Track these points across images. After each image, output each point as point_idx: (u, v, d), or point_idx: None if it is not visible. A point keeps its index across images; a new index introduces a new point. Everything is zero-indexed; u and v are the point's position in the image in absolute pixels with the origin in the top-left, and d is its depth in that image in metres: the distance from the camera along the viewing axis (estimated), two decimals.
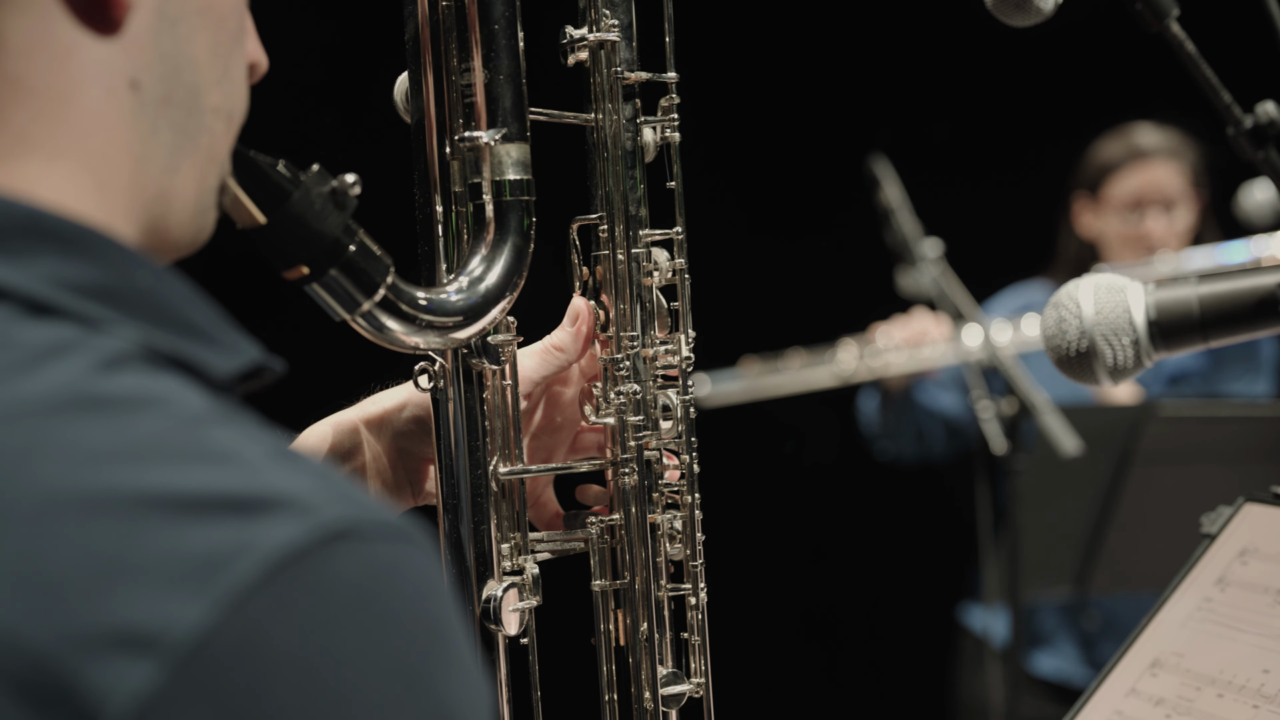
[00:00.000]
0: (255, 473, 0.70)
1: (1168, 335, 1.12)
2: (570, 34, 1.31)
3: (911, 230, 3.48)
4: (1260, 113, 1.62)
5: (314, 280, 1.09)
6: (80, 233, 0.79)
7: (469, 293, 1.17)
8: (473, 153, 1.22)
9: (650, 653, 1.32)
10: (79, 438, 0.69)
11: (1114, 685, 1.46)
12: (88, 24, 0.82)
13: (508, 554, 1.29)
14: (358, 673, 0.67)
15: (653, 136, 1.35)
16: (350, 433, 1.32)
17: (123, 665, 0.63)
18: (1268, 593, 1.43)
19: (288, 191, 1.06)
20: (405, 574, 0.71)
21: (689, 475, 1.35)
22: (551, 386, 1.39)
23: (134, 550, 0.66)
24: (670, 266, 1.35)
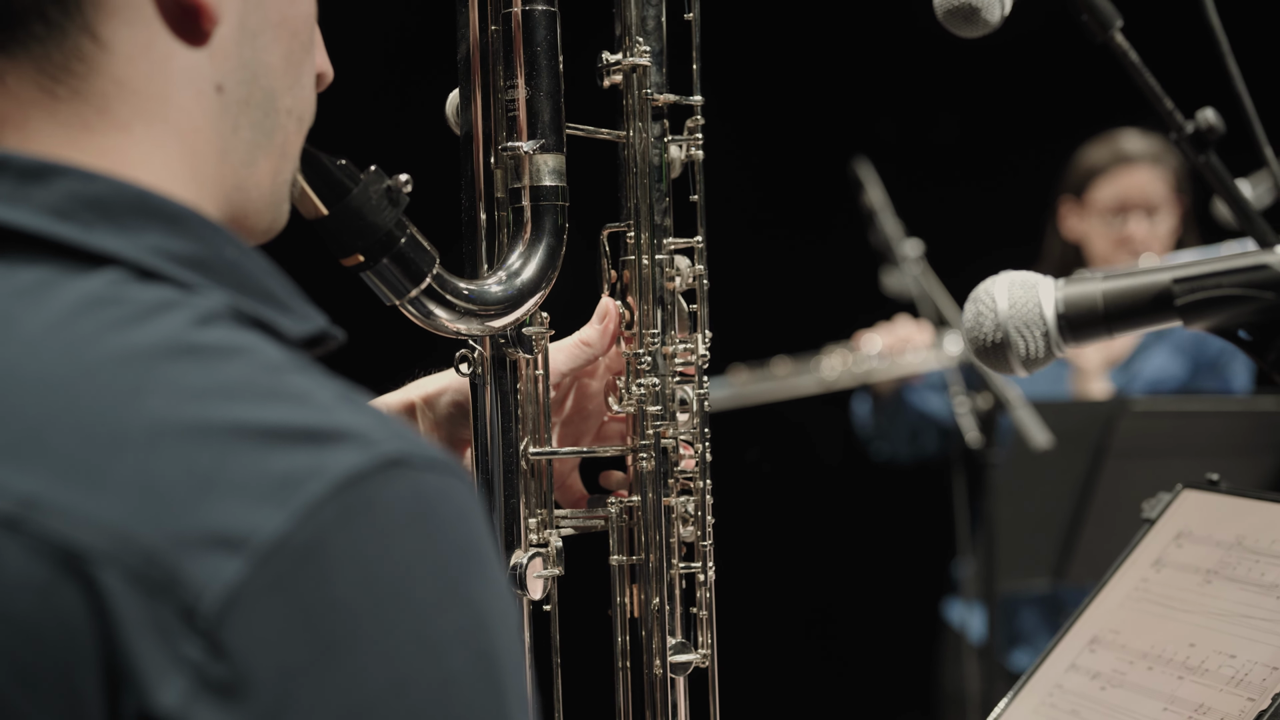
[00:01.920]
0: (326, 411, 0.83)
1: (1075, 328, 1.20)
2: (606, 59, 1.45)
3: (894, 231, 3.59)
4: (1200, 119, 1.73)
5: (368, 268, 1.23)
6: (180, 211, 0.92)
7: (507, 285, 1.31)
8: (514, 161, 1.35)
9: (661, 624, 1.44)
10: (180, 378, 0.81)
11: (1056, 661, 1.57)
12: (181, 36, 0.96)
13: (534, 528, 1.41)
14: (405, 573, 0.79)
15: (679, 153, 1.48)
16: (397, 412, 1.46)
17: (218, 561, 0.76)
18: (1198, 572, 1.54)
19: (348, 187, 1.20)
20: (448, 498, 0.83)
21: (701, 463, 1.47)
22: (580, 378, 1.52)
23: (228, 470, 0.78)
24: (691, 272, 1.47)
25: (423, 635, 0.79)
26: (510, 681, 0.84)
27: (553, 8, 1.36)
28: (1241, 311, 1.12)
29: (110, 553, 0.75)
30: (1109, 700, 1.49)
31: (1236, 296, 1.12)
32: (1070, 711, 1.51)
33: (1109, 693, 1.50)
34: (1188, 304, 1.13)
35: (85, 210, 0.88)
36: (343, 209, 1.20)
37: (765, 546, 4.79)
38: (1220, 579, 1.52)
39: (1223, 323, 1.13)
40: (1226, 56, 1.77)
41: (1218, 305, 1.13)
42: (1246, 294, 1.11)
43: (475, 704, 0.81)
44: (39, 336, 0.83)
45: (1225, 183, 1.79)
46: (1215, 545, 1.56)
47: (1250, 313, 1.12)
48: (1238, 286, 1.11)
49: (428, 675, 0.79)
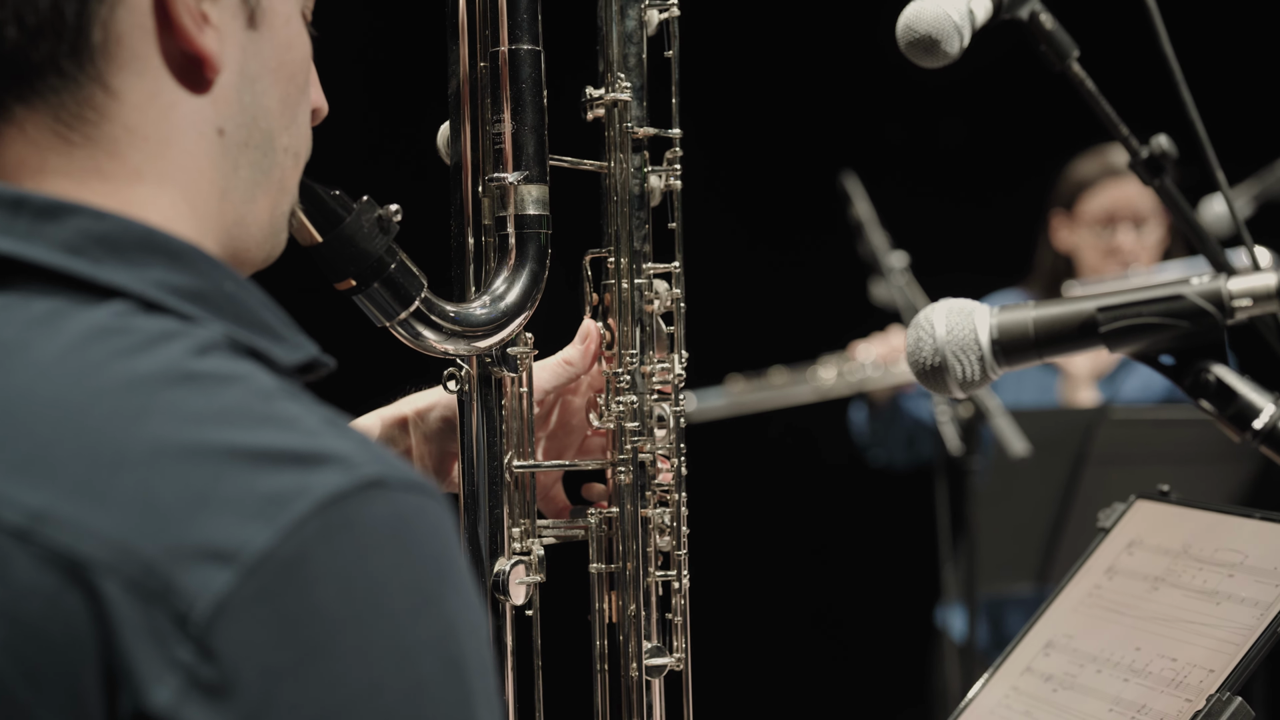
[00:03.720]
0: (313, 435, 0.90)
1: (1008, 352, 1.27)
2: (590, 93, 1.53)
3: (880, 243, 3.68)
4: (1154, 145, 1.81)
5: (360, 291, 1.31)
6: (182, 248, 1.00)
7: (491, 308, 1.39)
8: (500, 191, 1.44)
9: (637, 629, 1.52)
10: (180, 403, 0.89)
11: (1013, 664, 1.65)
12: (186, 84, 1.04)
13: (518, 537, 1.49)
14: (381, 585, 0.87)
15: (659, 183, 1.56)
16: (391, 426, 1.54)
17: (210, 572, 0.83)
18: (1146, 579, 1.62)
19: (341, 216, 1.28)
20: (423, 516, 0.91)
21: (678, 477, 1.55)
22: (564, 395, 1.60)
23: (221, 488, 0.86)
24: (669, 295, 1.56)
25: (396, 642, 0.87)
26: (478, 686, 0.91)
27: (537, 47, 1.44)
28: (1161, 338, 1.19)
29: (111, 563, 0.83)
30: (1059, 701, 1.57)
31: (1155, 324, 1.19)
32: (1024, 713, 1.59)
33: (1060, 694, 1.58)
34: (1111, 331, 1.20)
35: (95, 246, 0.96)
36: (336, 237, 1.28)
37: (757, 551, 4.88)
38: (1166, 585, 1.60)
39: (1145, 348, 1.20)
40: (1180, 85, 1.85)
41: (1138, 332, 1.20)
42: (1164, 322, 1.19)
43: (444, 707, 0.88)
44: (50, 362, 0.91)
45: (1180, 206, 1.87)
46: (1164, 553, 1.64)
47: (1169, 339, 1.19)
48: (1156, 315, 1.19)
49: (400, 679, 0.86)
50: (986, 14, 1.73)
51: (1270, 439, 1.17)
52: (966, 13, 1.70)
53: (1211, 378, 1.19)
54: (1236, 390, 1.18)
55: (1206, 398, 1.18)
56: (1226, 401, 1.18)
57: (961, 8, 1.70)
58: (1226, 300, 1.18)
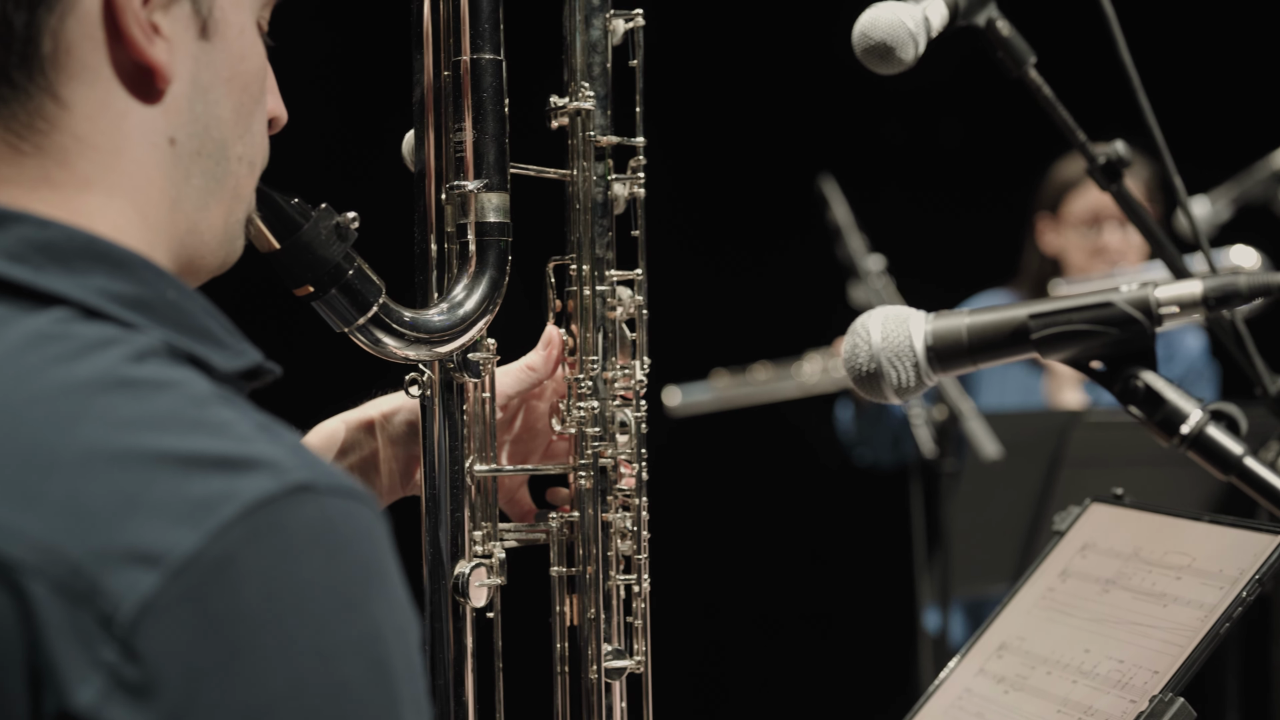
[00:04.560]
0: (244, 441, 0.92)
1: (943, 359, 1.28)
2: (554, 102, 1.55)
3: (857, 247, 3.70)
4: (1111, 150, 1.83)
5: (318, 297, 1.33)
6: (125, 256, 1.02)
7: (449, 315, 1.41)
8: (461, 199, 1.45)
9: (596, 632, 1.54)
10: (113, 409, 0.91)
11: (968, 665, 1.67)
12: (137, 94, 1.06)
13: (479, 540, 1.51)
14: (306, 587, 0.89)
15: (623, 191, 1.58)
16: (355, 430, 1.56)
17: (136, 574, 0.85)
18: (1098, 582, 1.64)
19: (299, 223, 1.30)
20: (351, 520, 0.93)
21: (639, 482, 1.57)
22: (528, 400, 1.62)
23: (150, 493, 0.88)
24: (632, 302, 1.57)
25: (320, 644, 0.88)
26: (404, 688, 0.93)
27: (499, 57, 1.46)
28: (1092, 345, 1.21)
29: (39, 565, 0.85)
30: (1010, 702, 1.59)
31: (1085, 331, 1.21)
32: (975, 714, 1.61)
33: (1011, 695, 1.60)
34: (1042, 338, 1.22)
35: (37, 254, 0.98)
36: (294, 244, 1.30)
37: (732, 550, 4.91)
38: (1117, 588, 1.62)
39: (1076, 355, 1.22)
40: (1138, 91, 1.87)
41: (1069, 339, 1.21)
42: (1094, 329, 1.20)
43: (368, 707, 0.90)
44: None
45: (1137, 210, 1.89)
46: (1115, 556, 1.66)
47: (1099, 346, 1.21)
48: (1086, 322, 1.20)
49: (323, 680, 0.88)
50: (942, 21, 1.75)
51: (1197, 444, 1.19)
52: (922, 20, 1.72)
53: (1140, 384, 1.20)
54: (1164, 396, 1.20)
55: (1135, 403, 1.20)
56: (1155, 407, 1.20)
57: (917, 15, 1.72)
58: (1154, 308, 1.20)
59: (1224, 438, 1.20)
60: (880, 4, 1.74)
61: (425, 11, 1.48)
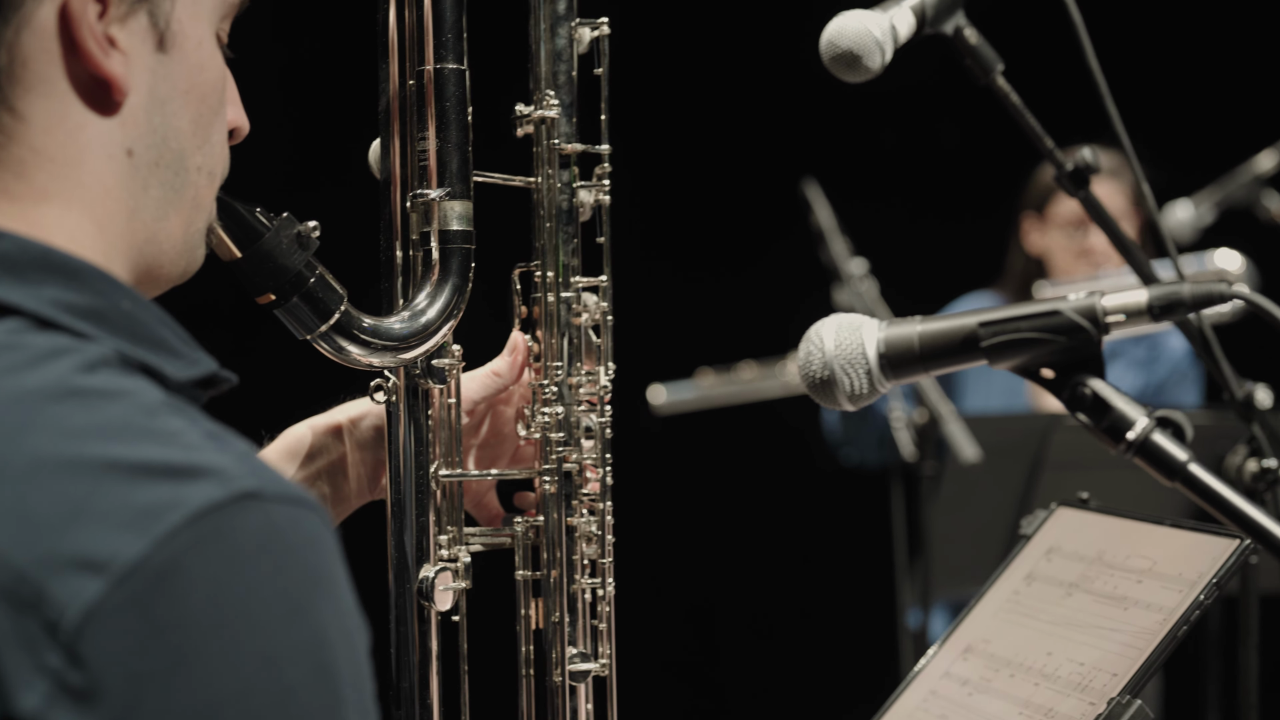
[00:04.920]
0: (192, 449, 0.93)
1: (895, 366, 1.29)
2: (519, 110, 1.57)
3: (840, 250, 3.72)
4: (1078, 157, 1.85)
5: (280, 305, 1.35)
6: (80, 267, 1.04)
7: (409, 323, 1.42)
8: (424, 207, 1.47)
9: (560, 636, 1.55)
10: (63, 418, 0.93)
11: (934, 668, 1.69)
12: (93, 107, 1.07)
13: (445, 544, 1.53)
14: (251, 594, 0.90)
15: (589, 198, 1.59)
16: (323, 434, 1.57)
17: (81, 581, 0.87)
18: (1062, 585, 1.66)
19: (260, 232, 1.32)
20: (297, 528, 0.94)
21: (603, 486, 1.58)
22: (495, 405, 1.63)
23: (96, 501, 0.89)
24: (597, 309, 1.59)
25: (265, 649, 0.90)
26: (349, 692, 0.94)
27: (462, 66, 1.47)
28: (1040, 353, 1.22)
29: None
30: (973, 705, 1.61)
31: (1033, 339, 1.22)
32: (939, 716, 1.63)
33: (975, 698, 1.62)
34: (991, 346, 1.23)
35: None
36: (255, 252, 1.32)
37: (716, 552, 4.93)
38: (1080, 591, 1.64)
39: (1025, 362, 1.24)
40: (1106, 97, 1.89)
41: (1017, 347, 1.23)
42: (1042, 337, 1.22)
43: (313, 711, 0.91)
44: None
45: (1105, 216, 1.91)
46: (1079, 560, 1.68)
47: (1047, 354, 1.22)
48: (1034, 330, 1.22)
49: (268, 685, 0.90)
50: (909, 29, 1.76)
51: (1142, 450, 1.20)
52: (889, 29, 1.73)
53: (1088, 391, 1.22)
54: (1111, 403, 1.21)
55: (1083, 410, 1.22)
56: (1101, 414, 1.21)
57: (883, 24, 1.73)
58: (1100, 316, 1.22)
59: (1169, 444, 1.21)
60: (847, 13, 1.76)
61: (390, 21, 1.49)
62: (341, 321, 1.37)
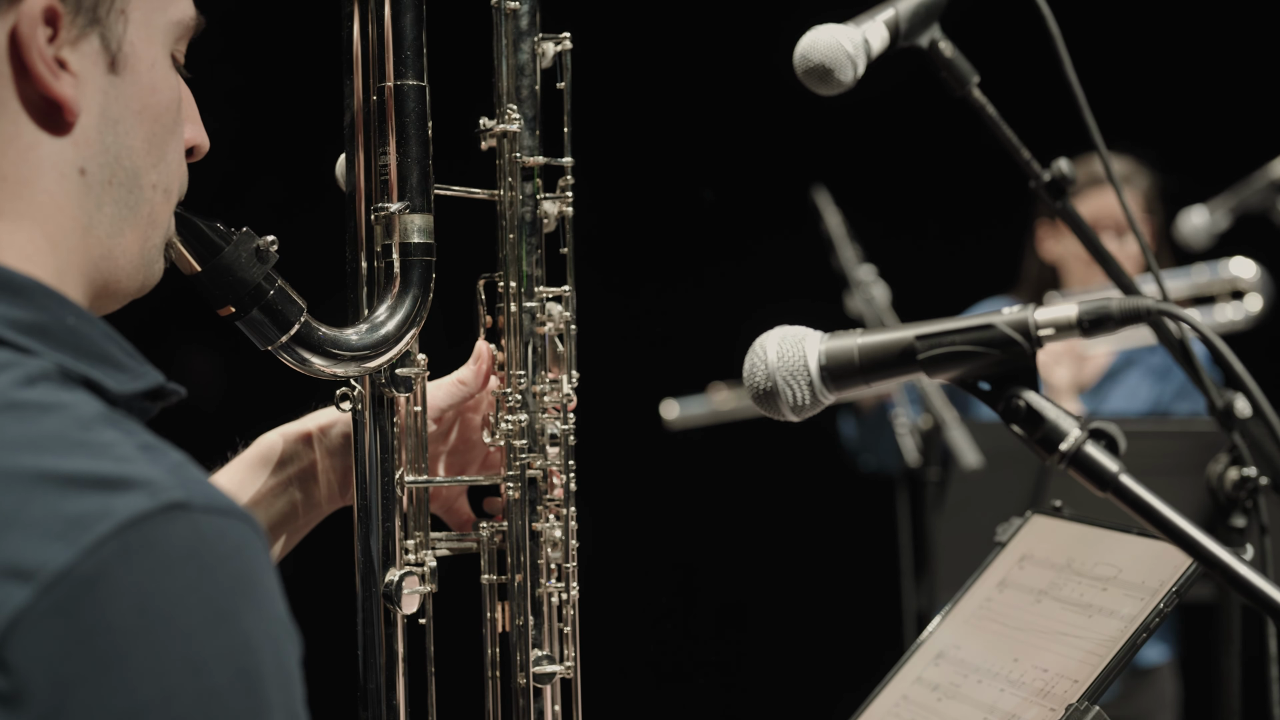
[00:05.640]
0: (124, 461, 0.97)
1: (836, 378, 1.31)
2: (483, 124, 1.60)
3: (849, 257, 3.73)
4: (1055, 168, 1.86)
5: (240, 318, 1.38)
6: (25, 284, 1.07)
7: (367, 335, 1.46)
8: (386, 220, 1.50)
9: (524, 639, 1.58)
10: (0, 431, 0.97)
11: (906, 673, 1.70)
12: (45, 127, 1.11)
13: (412, 549, 1.56)
14: (175, 601, 0.93)
15: (553, 209, 1.62)
16: (294, 441, 1.61)
17: (9, 589, 0.91)
18: (1031, 593, 1.67)
19: (220, 246, 1.35)
20: (224, 537, 0.97)
21: (566, 492, 1.61)
22: (463, 412, 1.66)
23: (27, 511, 0.93)
24: (561, 318, 1.62)
25: (188, 655, 0.93)
26: (274, 696, 0.97)
27: (421, 83, 1.51)
28: (977, 366, 1.24)
29: None
30: (942, 710, 1.63)
31: (968, 352, 1.24)
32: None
33: (944, 703, 1.63)
34: (928, 358, 1.25)
35: None
36: (214, 266, 1.35)
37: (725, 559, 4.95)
38: (1048, 599, 1.65)
39: (962, 375, 1.25)
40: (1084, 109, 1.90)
41: (953, 360, 1.25)
42: (976, 350, 1.23)
43: (237, 714, 0.94)
44: None
45: (1083, 228, 1.92)
46: (1050, 567, 1.69)
47: (983, 366, 1.24)
48: (968, 343, 1.24)
49: (192, 689, 0.93)
50: (883, 43, 1.79)
51: (1075, 461, 1.22)
52: (861, 42, 1.76)
53: (1021, 403, 1.23)
54: (1044, 415, 1.22)
55: (1017, 422, 1.23)
56: (1035, 425, 1.23)
57: (856, 38, 1.75)
58: (1033, 330, 1.23)
59: (1101, 456, 1.23)
60: (820, 27, 1.78)
61: (355, 37, 1.53)
62: (301, 333, 1.41)
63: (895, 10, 1.81)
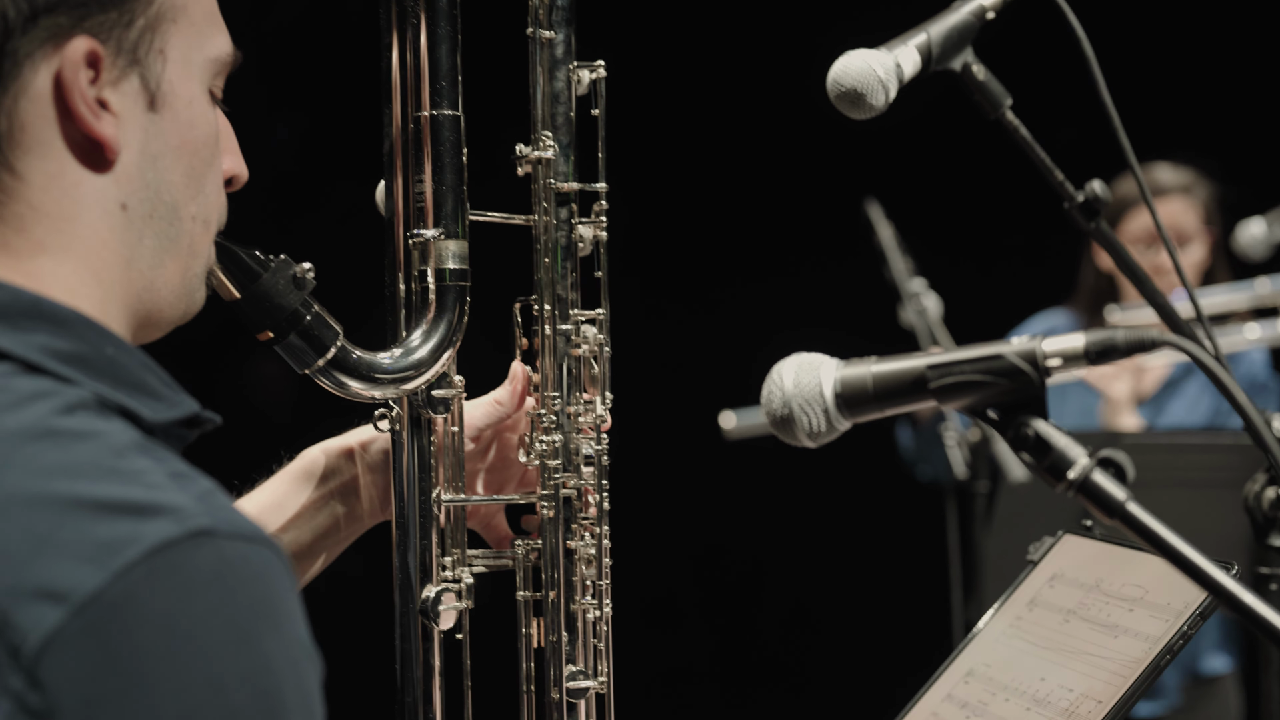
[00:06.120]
0: (154, 488, 1.01)
1: (851, 405, 1.32)
2: (519, 150, 1.64)
3: (900, 269, 3.73)
4: (1089, 189, 1.87)
5: (278, 342, 1.43)
6: (68, 315, 1.12)
7: (400, 360, 1.50)
8: (422, 245, 1.54)
9: (558, 655, 1.62)
10: (37, 457, 1.01)
11: (937, 690, 1.72)
12: (88, 165, 1.16)
13: (449, 565, 1.60)
14: (200, 625, 0.98)
15: (589, 233, 1.66)
16: (337, 456, 1.66)
17: (43, 610, 0.95)
18: (1061, 612, 1.68)
19: (258, 274, 1.40)
20: (247, 563, 1.01)
21: (599, 511, 1.65)
22: (501, 431, 1.70)
23: (61, 535, 0.98)
24: (596, 340, 1.65)
25: (211, 675, 0.97)
26: (295, 717, 1.01)
27: (456, 112, 1.55)
28: (986, 394, 1.26)
29: None
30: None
31: (977, 382, 1.26)
32: None
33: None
34: (939, 387, 1.27)
35: None
36: (253, 293, 1.40)
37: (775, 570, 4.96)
38: (1077, 619, 1.67)
39: (973, 404, 1.27)
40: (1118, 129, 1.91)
41: (963, 389, 1.26)
42: (985, 380, 1.25)
43: None
44: None
45: (1118, 249, 1.93)
46: (1079, 587, 1.71)
47: (993, 395, 1.26)
48: (978, 373, 1.25)
49: (213, 708, 0.97)
50: (915, 67, 1.80)
51: (1083, 489, 1.23)
52: (893, 67, 1.77)
53: (1030, 431, 1.25)
54: (1053, 443, 1.24)
55: (1026, 450, 1.25)
56: (1043, 454, 1.24)
57: (888, 63, 1.77)
58: (1040, 360, 1.25)
59: (1108, 483, 1.24)
60: (853, 52, 1.80)
61: (394, 66, 1.57)
62: (337, 357, 1.45)
63: (928, 35, 1.82)
